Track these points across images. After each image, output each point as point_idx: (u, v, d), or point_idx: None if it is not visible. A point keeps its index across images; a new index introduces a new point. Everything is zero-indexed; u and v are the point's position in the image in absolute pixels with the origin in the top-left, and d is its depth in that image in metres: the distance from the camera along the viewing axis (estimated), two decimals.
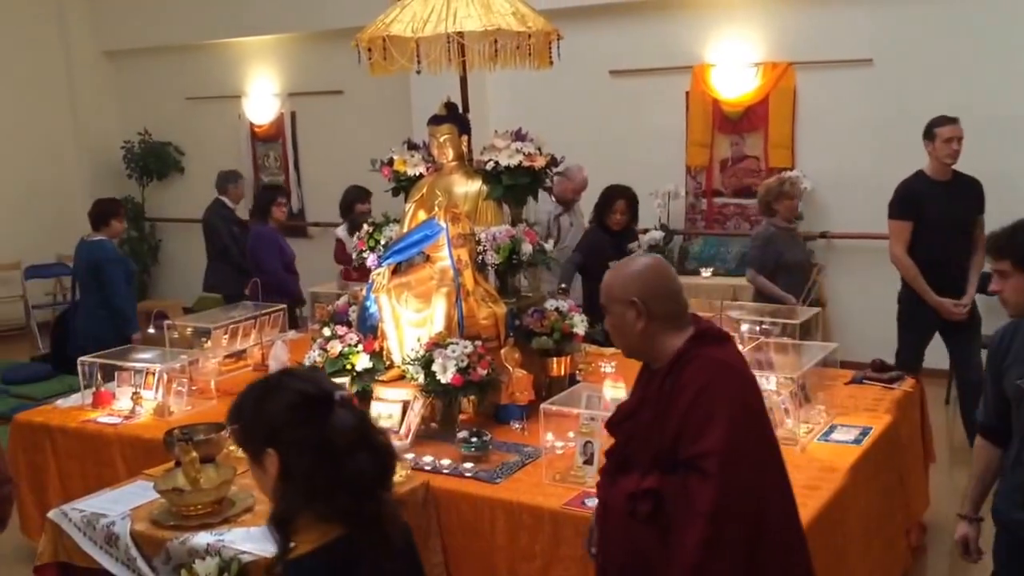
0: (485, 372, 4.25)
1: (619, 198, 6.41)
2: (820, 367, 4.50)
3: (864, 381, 4.79)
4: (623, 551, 2.66)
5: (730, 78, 7.94)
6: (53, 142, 10.86)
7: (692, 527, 2.44)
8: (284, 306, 6.11)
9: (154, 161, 10.83)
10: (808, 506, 3.37)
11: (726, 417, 2.47)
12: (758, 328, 4.87)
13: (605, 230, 6.44)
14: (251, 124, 10.51)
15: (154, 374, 4.91)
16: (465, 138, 4.84)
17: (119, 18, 10.86)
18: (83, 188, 10.97)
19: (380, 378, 4.48)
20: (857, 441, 4.04)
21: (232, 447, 4.15)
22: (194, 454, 3.50)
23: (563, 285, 6.08)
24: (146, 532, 3.41)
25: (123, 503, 3.62)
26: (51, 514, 3.65)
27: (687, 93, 8.13)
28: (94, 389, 5.01)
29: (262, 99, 10.38)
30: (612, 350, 5.53)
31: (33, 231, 10.23)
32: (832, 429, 4.16)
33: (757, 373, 4.20)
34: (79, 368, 5.10)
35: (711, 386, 2.51)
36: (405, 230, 4.75)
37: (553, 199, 6.85)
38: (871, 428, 4.17)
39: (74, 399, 5.12)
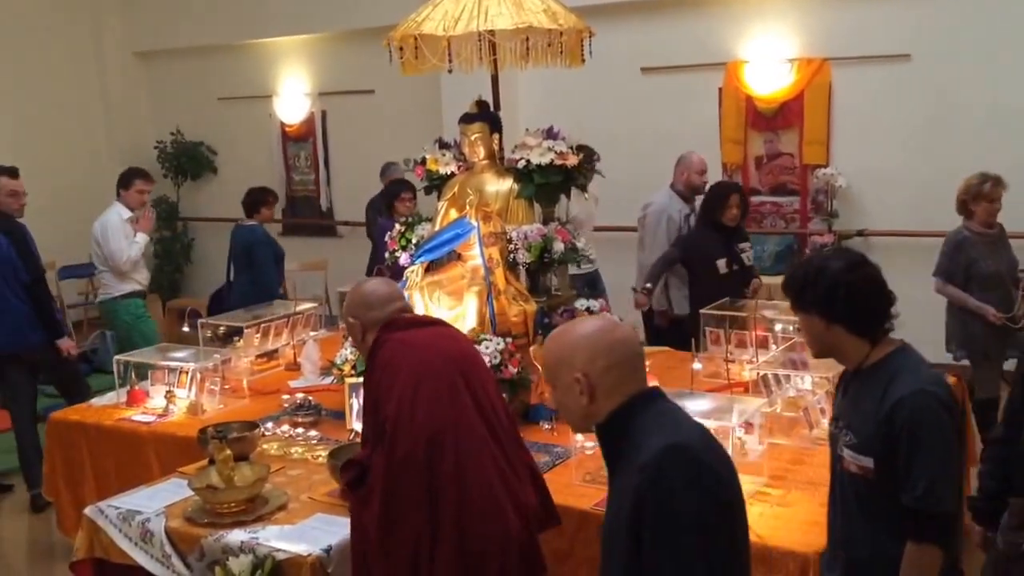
0: (515, 370, 4.23)
1: (733, 192, 6.06)
2: None
3: None
4: (351, 529, 3.07)
5: (764, 74, 7.88)
6: (86, 143, 10.95)
7: (376, 483, 2.92)
8: (316, 305, 6.13)
9: (187, 161, 10.90)
10: None
11: (400, 387, 2.96)
12: (791, 328, 4.81)
13: (715, 228, 6.04)
14: (282, 124, 10.56)
15: (187, 373, 4.93)
16: (496, 136, 4.83)
17: (151, 19, 10.94)
18: (116, 189, 11.05)
19: None
20: None
21: (265, 445, 4.17)
22: (228, 452, 3.51)
23: (648, 285, 5.93)
24: (181, 529, 3.43)
25: (158, 500, 3.64)
26: (88, 511, 3.68)
27: (720, 90, 8.07)
28: (128, 388, 5.05)
29: (293, 99, 10.43)
30: (644, 349, 5.50)
31: (66, 232, 10.30)
32: None
33: (791, 373, 4.21)
34: (115, 367, 5.15)
35: (392, 362, 3.03)
36: (437, 228, 4.75)
37: (677, 197, 6.50)
38: None
39: (109, 397, 5.16)
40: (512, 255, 4.55)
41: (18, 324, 5.87)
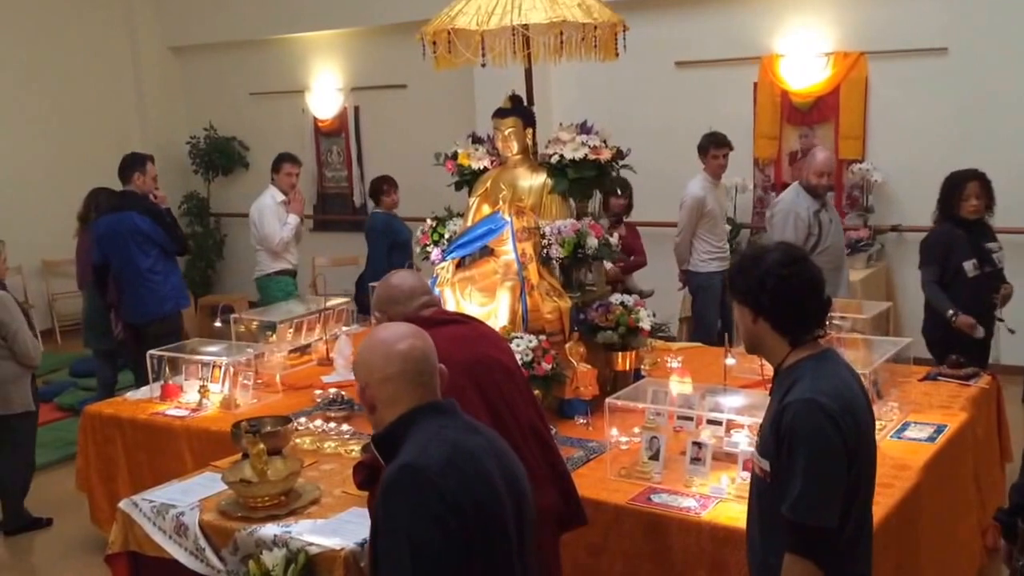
0: (550, 366, 4.22)
1: (970, 180, 5.32)
2: (893, 363, 4.40)
3: (939, 378, 4.68)
4: None
5: (800, 68, 7.81)
6: (120, 138, 10.99)
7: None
8: (347, 300, 6.16)
9: (219, 156, 10.94)
10: (881, 504, 3.29)
11: None
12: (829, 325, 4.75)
13: (956, 224, 5.32)
14: (315, 119, 10.58)
15: (221, 367, 4.95)
16: (530, 131, 4.81)
17: (185, 14, 11.01)
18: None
19: None
20: (931, 439, 3.95)
21: (298, 440, 4.18)
22: (261, 446, 3.52)
23: (951, 312, 5.21)
24: (214, 522, 3.44)
25: (192, 494, 3.66)
26: (122, 504, 3.70)
27: (755, 84, 8.01)
28: (162, 382, 5.08)
29: (326, 94, 10.45)
30: (679, 344, 5.48)
31: None
32: (905, 426, 4.07)
33: None
34: (148, 361, 5.17)
35: None
36: (469, 224, 4.74)
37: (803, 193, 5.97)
38: (946, 426, 4.07)
39: (143, 392, 5.19)
40: (545, 250, 4.52)
41: (154, 297, 6.38)
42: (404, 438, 2.18)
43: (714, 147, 6.91)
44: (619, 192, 6.76)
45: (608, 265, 6.22)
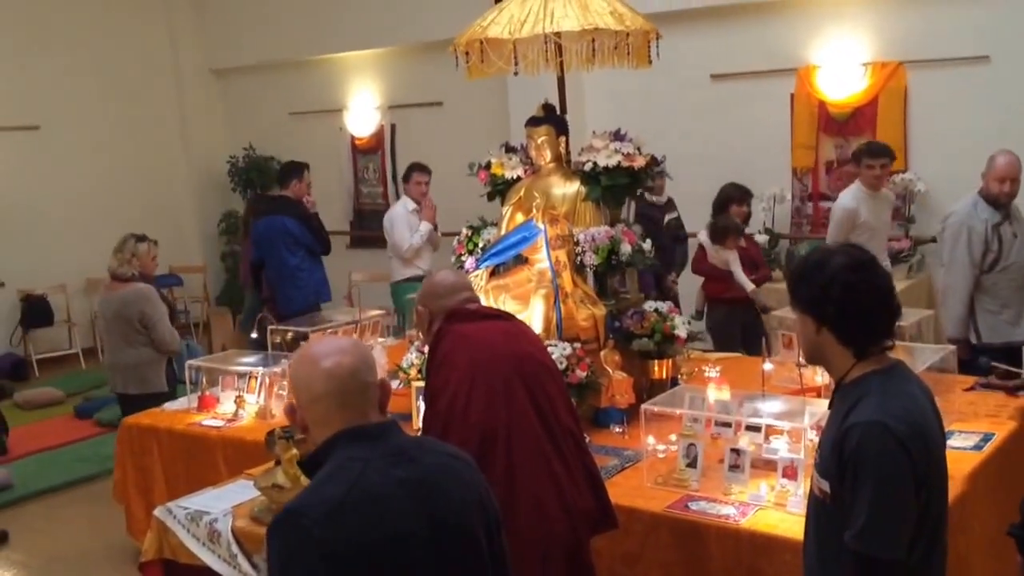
0: (584, 375, 4.18)
1: None
2: (936, 372, 4.30)
3: (986, 388, 4.57)
4: None
5: (837, 79, 7.72)
6: (163, 157, 11.18)
7: None
8: (383, 312, 6.16)
9: (257, 175, 11.03)
10: None
11: (454, 383, 2.98)
12: None
13: None
14: (352, 137, 10.65)
15: (256, 378, 4.97)
16: (563, 139, 4.79)
17: (226, 36, 11.15)
18: (190, 202, 11.28)
19: None
20: (978, 447, 3.85)
21: None
22: (294, 451, 3.50)
23: None
24: (247, 529, 3.44)
25: (225, 501, 3.67)
26: (157, 511, 3.72)
27: (792, 95, 7.94)
28: (199, 393, 5.10)
29: (363, 112, 10.52)
30: (717, 354, 5.41)
31: None
32: (949, 435, 3.96)
33: None
34: (186, 372, 5.20)
35: (448, 356, 3.05)
36: (503, 232, 4.72)
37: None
38: (993, 435, 3.97)
39: (180, 403, 5.21)
40: (579, 258, 4.50)
41: (301, 292, 7.15)
42: (323, 465, 2.09)
43: (868, 156, 6.48)
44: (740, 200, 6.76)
45: (750, 287, 6.38)
